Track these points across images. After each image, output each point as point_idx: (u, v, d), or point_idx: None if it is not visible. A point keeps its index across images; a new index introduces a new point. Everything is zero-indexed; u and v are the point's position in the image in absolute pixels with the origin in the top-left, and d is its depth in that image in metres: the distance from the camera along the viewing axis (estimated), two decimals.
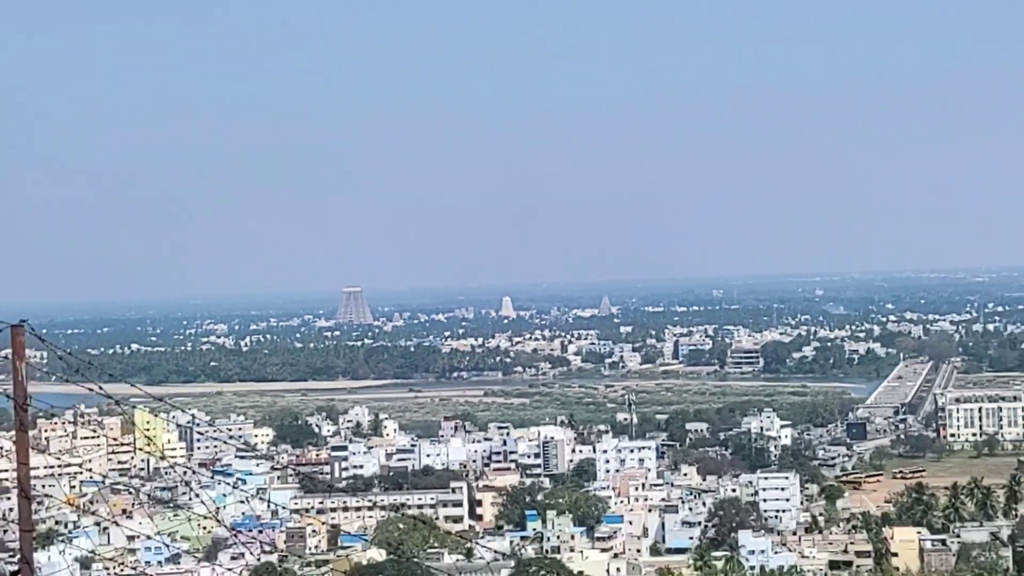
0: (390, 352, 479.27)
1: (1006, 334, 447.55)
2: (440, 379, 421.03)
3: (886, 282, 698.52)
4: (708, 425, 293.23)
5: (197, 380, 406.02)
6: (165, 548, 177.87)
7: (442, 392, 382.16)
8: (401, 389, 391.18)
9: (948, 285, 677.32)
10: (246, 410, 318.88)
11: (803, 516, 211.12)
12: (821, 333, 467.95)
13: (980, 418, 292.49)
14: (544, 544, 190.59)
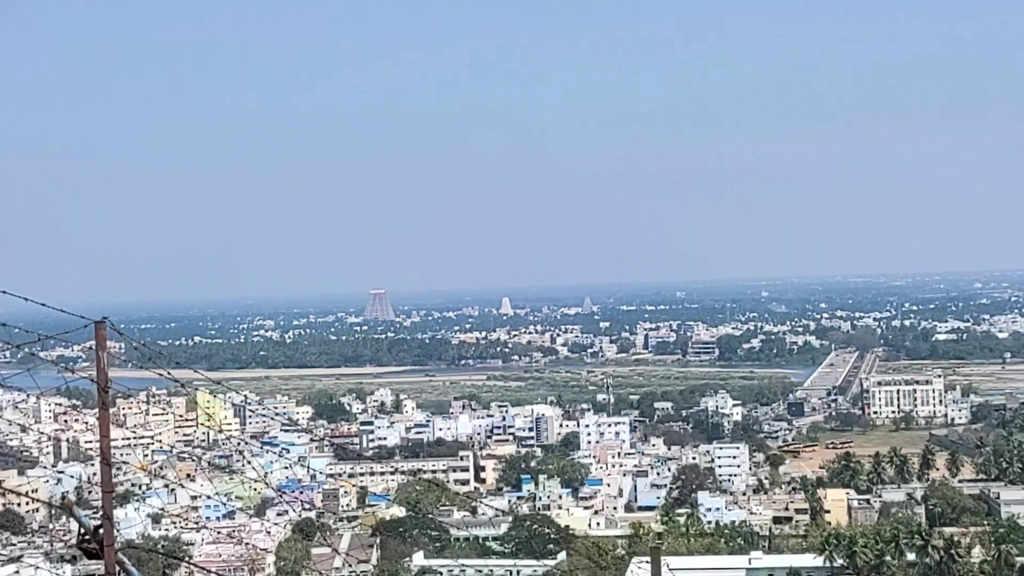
0: (409, 343, 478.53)
1: (920, 329, 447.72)
2: (450, 366, 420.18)
3: (820, 285, 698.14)
4: (672, 404, 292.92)
5: (249, 367, 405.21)
6: (222, 506, 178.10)
7: (452, 377, 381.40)
8: (418, 374, 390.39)
9: (871, 288, 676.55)
10: (289, 392, 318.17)
11: (751, 479, 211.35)
12: (766, 328, 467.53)
13: (898, 398, 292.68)
14: (536, 503, 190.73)
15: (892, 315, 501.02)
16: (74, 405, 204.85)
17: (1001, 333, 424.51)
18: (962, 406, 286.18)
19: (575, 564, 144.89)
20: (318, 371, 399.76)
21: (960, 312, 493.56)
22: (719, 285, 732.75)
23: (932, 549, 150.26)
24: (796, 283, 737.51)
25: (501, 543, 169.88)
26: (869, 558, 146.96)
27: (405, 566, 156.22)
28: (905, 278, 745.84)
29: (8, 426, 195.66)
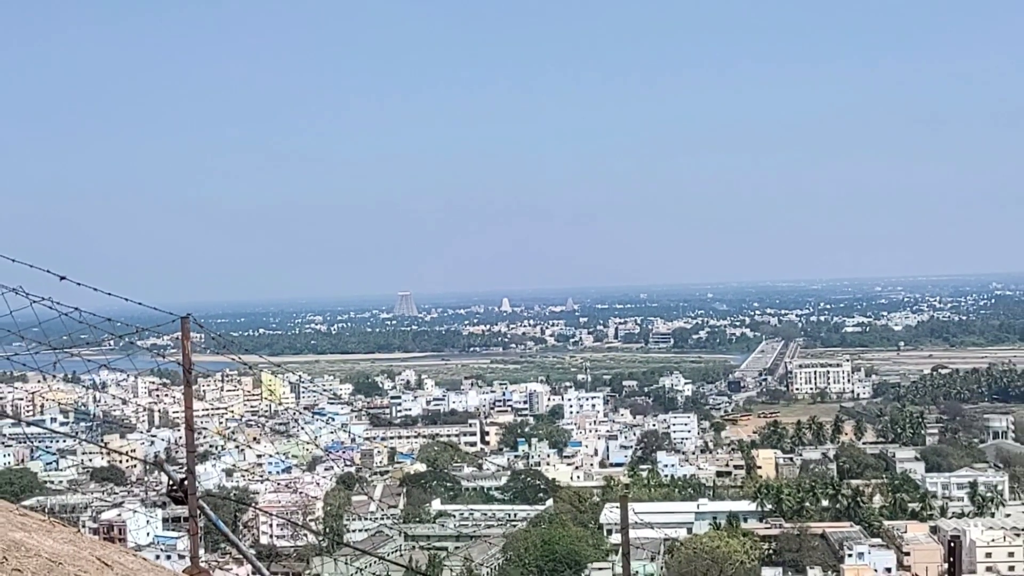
0: (428, 334, 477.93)
1: (832, 323, 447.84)
2: (461, 352, 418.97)
3: (754, 288, 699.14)
4: (637, 382, 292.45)
5: (302, 353, 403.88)
6: (281, 463, 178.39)
7: (462, 360, 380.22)
8: (435, 358, 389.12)
9: (794, 290, 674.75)
10: (334, 372, 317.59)
11: (699, 442, 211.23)
12: (711, 322, 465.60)
13: (815, 378, 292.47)
14: (529, 460, 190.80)
15: (810, 312, 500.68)
16: (164, 383, 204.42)
17: (896, 326, 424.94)
18: (865, 384, 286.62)
19: (560, 509, 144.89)
20: (357, 356, 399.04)
21: (864, 310, 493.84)
22: (674, 288, 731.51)
23: (842, 497, 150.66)
24: (735, 287, 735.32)
25: (501, 492, 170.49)
26: (792, 504, 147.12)
27: (426, 510, 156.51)
28: (821, 283, 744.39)
29: (112, 399, 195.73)
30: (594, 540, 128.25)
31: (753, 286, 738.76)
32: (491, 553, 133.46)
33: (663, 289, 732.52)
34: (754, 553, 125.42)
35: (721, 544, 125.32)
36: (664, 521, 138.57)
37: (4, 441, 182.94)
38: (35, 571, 5.77)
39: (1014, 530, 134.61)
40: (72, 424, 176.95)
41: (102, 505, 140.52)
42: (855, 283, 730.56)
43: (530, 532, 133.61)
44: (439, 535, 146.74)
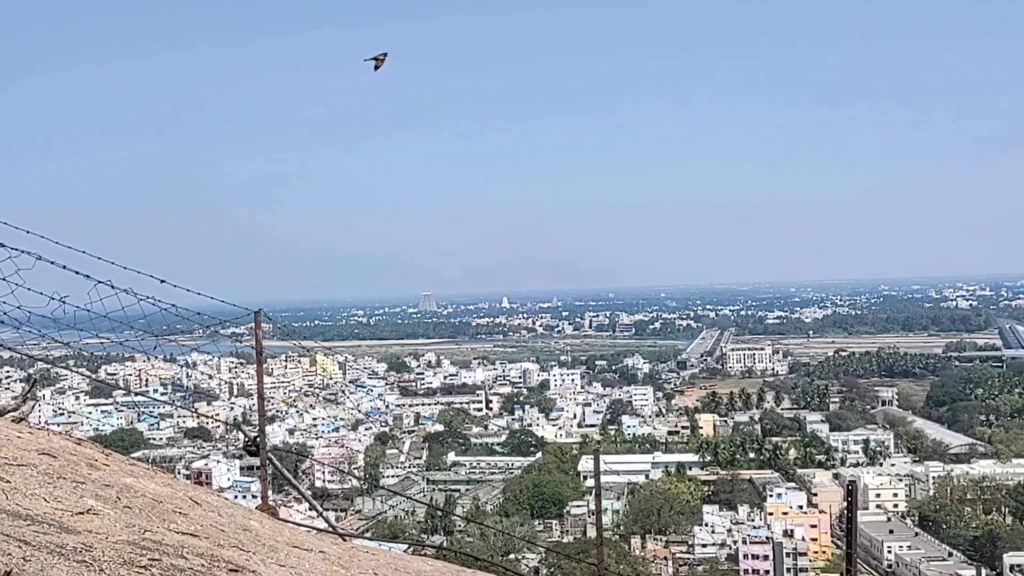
0: (445, 325, 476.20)
1: (757, 316, 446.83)
2: (471, 338, 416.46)
3: (696, 289, 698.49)
4: (606, 362, 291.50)
5: (348, 339, 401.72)
6: (331, 424, 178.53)
7: (472, 345, 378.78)
8: (451, 343, 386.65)
9: (728, 291, 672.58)
10: (373, 354, 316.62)
11: (654, 408, 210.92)
12: (664, 315, 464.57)
13: (744, 358, 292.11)
14: (523, 422, 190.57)
15: (740, 308, 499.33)
16: (241, 363, 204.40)
17: (806, 319, 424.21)
18: (782, 363, 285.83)
19: (546, 460, 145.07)
20: (390, 341, 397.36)
21: (781, 306, 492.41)
22: (635, 289, 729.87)
23: (764, 450, 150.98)
24: (683, 288, 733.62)
25: (501, 447, 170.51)
26: (726, 456, 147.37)
27: (443, 461, 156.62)
28: (748, 285, 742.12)
29: (200, 375, 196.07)
30: (573, 484, 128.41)
31: (696, 288, 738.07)
32: (493, 494, 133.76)
33: (627, 290, 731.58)
34: (697, 494, 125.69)
35: (671, 487, 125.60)
36: (627, 469, 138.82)
37: (117, 407, 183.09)
38: (142, 508, 5.77)
39: (897, 476, 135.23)
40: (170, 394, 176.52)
41: (193, 457, 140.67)
42: (775, 285, 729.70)
43: (524, 478, 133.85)
44: (453, 480, 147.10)
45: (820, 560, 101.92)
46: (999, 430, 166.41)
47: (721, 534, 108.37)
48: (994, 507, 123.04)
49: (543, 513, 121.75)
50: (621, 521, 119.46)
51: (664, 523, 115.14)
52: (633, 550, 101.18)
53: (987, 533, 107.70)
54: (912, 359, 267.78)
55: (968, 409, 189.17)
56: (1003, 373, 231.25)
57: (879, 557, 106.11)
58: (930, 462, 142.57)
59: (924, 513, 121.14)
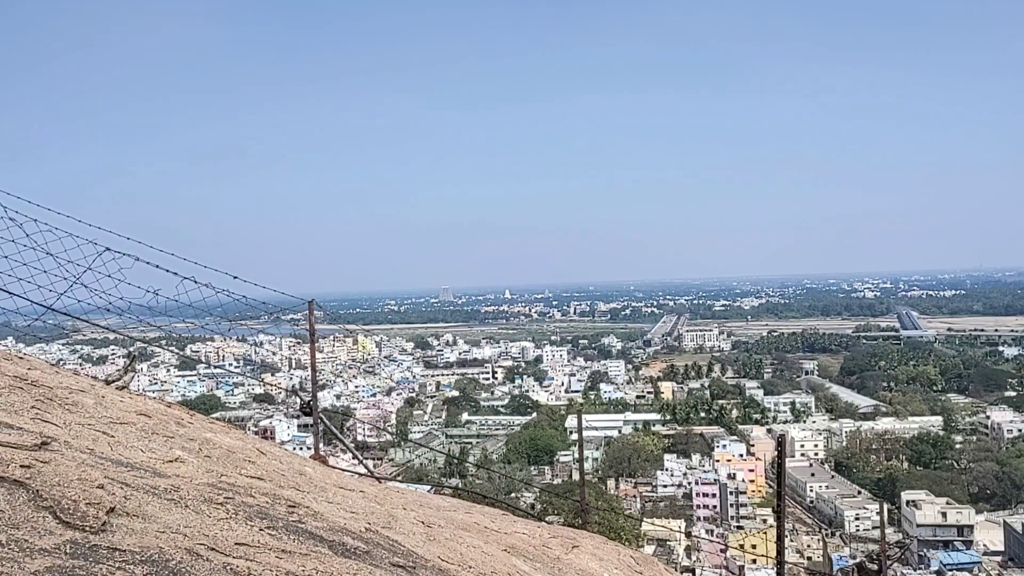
0: (460, 312, 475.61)
1: (707, 304, 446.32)
2: (481, 323, 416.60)
3: (659, 283, 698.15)
4: (587, 341, 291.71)
5: (383, 324, 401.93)
6: (370, 391, 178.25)
7: (482, 328, 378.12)
8: (464, 327, 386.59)
9: (685, 284, 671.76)
10: (403, 335, 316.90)
11: (626, 377, 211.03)
12: (633, 304, 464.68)
13: (697, 338, 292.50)
14: (522, 389, 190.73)
15: (694, 297, 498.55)
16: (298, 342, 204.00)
17: (745, 307, 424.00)
18: (727, 342, 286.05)
19: (540, 419, 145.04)
20: (417, 325, 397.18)
21: (726, 296, 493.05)
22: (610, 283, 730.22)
23: (712, 411, 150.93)
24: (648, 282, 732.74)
25: (505, 408, 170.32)
26: (682, 415, 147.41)
27: (459, 420, 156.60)
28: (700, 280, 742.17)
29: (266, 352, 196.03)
30: (561, 438, 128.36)
31: (659, 282, 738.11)
32: (498, 446, 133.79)
33: (603, 283, 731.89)
34: (659, 445, 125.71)
35: (639, 440, 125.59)
36: (604, 426, 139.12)
37: (200, 378, 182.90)
38: (218, 457, 5.78)
39: (817, 431, 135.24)
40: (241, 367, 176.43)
41: (260, 417, 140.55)
42: (721, 280, 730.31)
43: (522, 433, 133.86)
44: (467, 435, 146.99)
45: (757, 497, 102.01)
46: (898, 394, 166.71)
47: (678, 477, 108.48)
48: (894, 455, 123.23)
49: (537, 461, 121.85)
50: (599, 467, 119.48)
51: (633, 468, 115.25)
52: (609, 490, 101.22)
53: (888, 476, 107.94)
54: (829, 338, 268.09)
55: (873, 377, 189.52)
56: (900, 349, 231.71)
57: (803, 495, 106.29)
58: (843, 420, 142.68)
59: (839, 460, 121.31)
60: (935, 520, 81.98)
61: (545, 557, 7.37)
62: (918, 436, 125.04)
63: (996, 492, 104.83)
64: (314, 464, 7.90)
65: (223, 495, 4.36)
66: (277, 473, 5.96)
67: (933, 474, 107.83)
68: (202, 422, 7.23)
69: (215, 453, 5.68)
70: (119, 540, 2.99)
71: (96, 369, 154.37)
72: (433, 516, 7.12)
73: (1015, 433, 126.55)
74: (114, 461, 4.27)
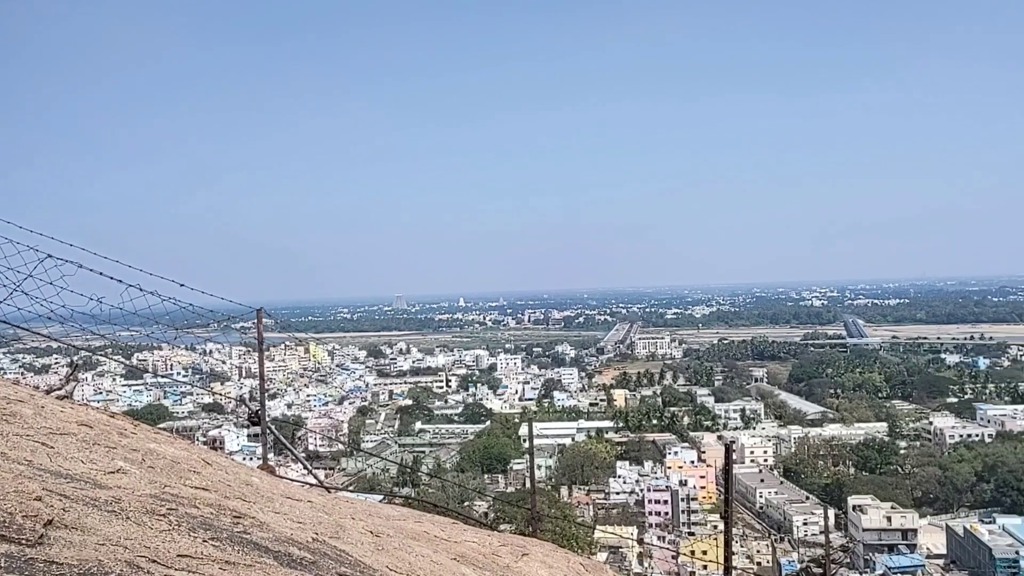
0: (414, 320, 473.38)
1: (659, 312, 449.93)
2: (434, 331, 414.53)
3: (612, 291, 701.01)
4: (541, 349, 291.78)
5: (335, 332, 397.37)
6: (321, 400, 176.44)
7: (435, 336, 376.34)
8: (418, 335, 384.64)
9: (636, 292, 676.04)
10: (355, 343, 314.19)
11: (579, 385, 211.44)
12: (587, 312, 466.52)
13: (649, 345, 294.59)
14: (475, 397, 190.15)
15: (646, 305, 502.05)
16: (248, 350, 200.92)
17: (697, 315, 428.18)
18: (678, 349, 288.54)
19: (494, 427, 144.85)
20: (370, 333, 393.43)
21: (678, 304, 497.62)
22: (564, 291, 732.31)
23: (664, 417, 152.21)
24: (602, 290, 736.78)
25: (458, 417, 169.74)
26: (635, 422, 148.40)
27: (412, 428, 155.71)
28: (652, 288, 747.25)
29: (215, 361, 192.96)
30: (515, 446, 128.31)
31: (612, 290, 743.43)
32: (451, 454, 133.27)
33: (557, 291, 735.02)
34: (612, 453, 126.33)
35: (592, 447, 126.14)
36: (558, 433, 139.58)
37: (147, 387, 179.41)
38: (162, 468, 5.69)
39: (767, 437, 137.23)
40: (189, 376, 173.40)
41: (209, 427, 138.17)
42: (672, 288, 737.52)
43: (476, 441, 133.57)
44: (420, 443, 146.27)
45: (707, 503, 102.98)
46: (844, 401, 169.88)
47: (630, 484, 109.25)
48: (841, 461, 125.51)
49: (491, 469, 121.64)
50: (553, 474, 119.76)
51: (586, 476, 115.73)
52: (562, 497, 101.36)
53: (835, 481, 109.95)
54: (778, 346, 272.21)
55: (821, 384, 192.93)
56: (847, 356, 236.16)
57: (753, 500, 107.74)
58: (792, 426, 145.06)
59: (787, 466, 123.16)
60: (880, 524, 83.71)
61: (495, 565, 7.40)
62: (864, 442, 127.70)
63: (939, 496, 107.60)
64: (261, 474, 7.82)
65: (166, 506, 4.31)
66: (223, 484, 5.89)
67: (878, 479, 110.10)
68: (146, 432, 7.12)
69: (159, 464, 5.60)
70: (56, 553, 2.94)
71: (38, 379, 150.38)
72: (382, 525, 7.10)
73: (956, 439, 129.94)
74: (53, 473, 4.24)
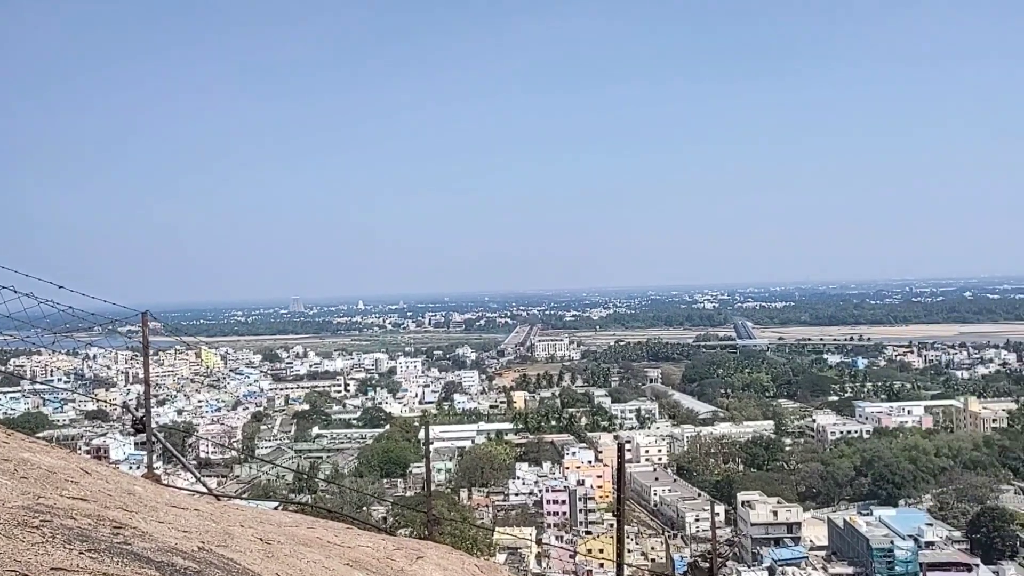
0: (311, 323, 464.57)
1: (558, 315, 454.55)
2: (333, 334, 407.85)
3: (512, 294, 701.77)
4: (442, 352, 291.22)
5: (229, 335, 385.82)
6: (214, 405, 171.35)
7: (334, 339, 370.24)
8: (316, 338, 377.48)
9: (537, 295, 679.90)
10: (251, 347, 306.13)
11: (480, 387, 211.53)
12: (487, 315, 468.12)
13: (548, 347, 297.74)
14: (375, 401, 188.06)
15: (546, 308, 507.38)
16: (136, 355, 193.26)
17: (594, 317, 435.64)
18: (577, 351, 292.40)
19: (393, 431, 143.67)
20: (265, 337, 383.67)
21: (576, 307, 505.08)
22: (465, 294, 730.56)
23: (562, 418, 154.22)
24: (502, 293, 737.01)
25: (357, 421, 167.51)
26: (534, 424, 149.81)
27: (309, 434, 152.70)
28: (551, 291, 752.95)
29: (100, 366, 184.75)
30: (415, 450, 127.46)
31: (512, 293, 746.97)
32: (350, 459, 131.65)
33: (458, 294, 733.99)
34: (511, 454, 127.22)
35: (492, 449, 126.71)
36: (458, 436, 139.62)
37: (24, 395, 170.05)
38: (36, 478, 5.46)
39: (661, 436, 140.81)
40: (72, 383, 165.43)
41: (93, 435, 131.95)
42: (571, 292, 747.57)
43: (374, 446, 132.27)
44: (317, 449, 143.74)
45: (604, 502, 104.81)
46: (734, 400, 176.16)
47: (530, 485, 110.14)
48: (731, 458, 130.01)
49: (390, 473, 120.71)
50: (452, 477, 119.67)
51: (486, 478, 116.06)
52: (462, 500, 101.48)
53: (725, 478, 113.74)
54: (672, 347, 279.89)
55: (712, 384, 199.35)
56: (737, 357, 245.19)
57: (648, 498, 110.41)
58: (685, 425, 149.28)
59: (680, 464, 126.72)
60: (767, 519, 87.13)
61: (388, 570, 7.38)
62: (752, 440, 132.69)
63: (821, 491, 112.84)
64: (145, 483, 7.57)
65: (39, 518, 4.24)
66: (103, 493, 5.69)
67: (766, 475, 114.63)
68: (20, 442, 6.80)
69: (33, 474, 5.37)
70: None
71: None
72: (273, 532, 6.99)
73: (837, 435, 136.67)
74: None
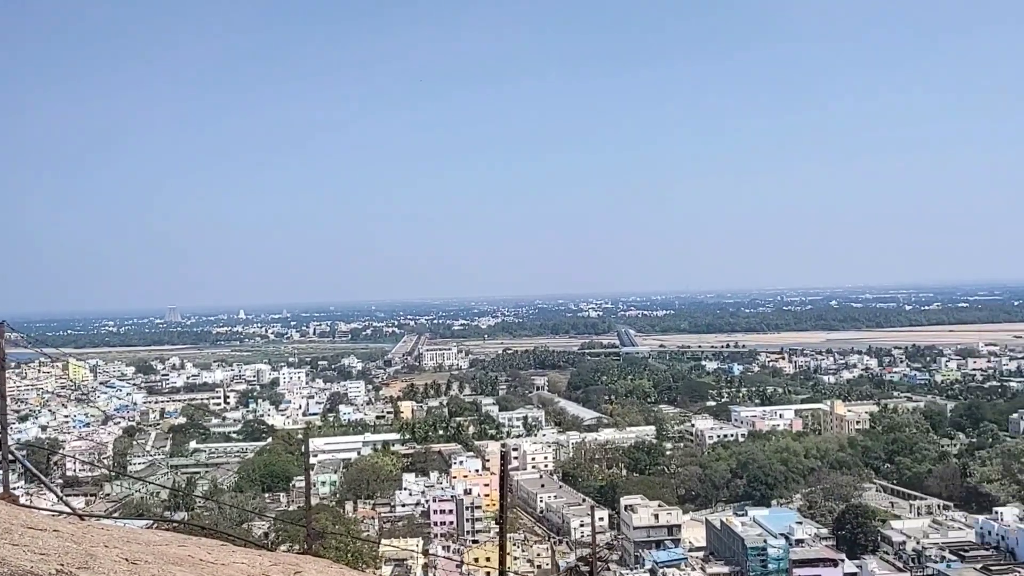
0: (189, 333, 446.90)
1: (446, 324, 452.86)
2: (212, 345, 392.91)
3: (400, 303, 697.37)
4: (327, 362, 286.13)
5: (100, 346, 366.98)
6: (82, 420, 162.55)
7: (213, 350, 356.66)
8: (194, 349, 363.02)
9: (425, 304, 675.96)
10: (123, 359, 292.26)
11: (366, 398, 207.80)
12: (374, 324, 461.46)
13: (436, 356, 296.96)
14: (256, 414, 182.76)
15: (434, 317, 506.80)
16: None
17: (483, 326, 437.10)
18: (465, 360, 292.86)
19: (276, 444, 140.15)
20: (139, 348, 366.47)
21: (465, 316, 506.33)
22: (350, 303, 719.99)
23: (450, 428, 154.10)
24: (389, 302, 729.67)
25: (237, 435, 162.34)
26: (422, 434, 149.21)
27: (185, 449, 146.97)
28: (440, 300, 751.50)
29: None
30: (298, 462, 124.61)
31: (400, 301, 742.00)
32: (230, 474, 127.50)
33: (344, 303, 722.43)
34: (398, 465, 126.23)
35: (378, 461, 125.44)
36: (343, 448, 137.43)
37: None
38: None
39: (547, 443, 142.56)
40: None
41: None
42: (459, 301, 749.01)
43: (256, 460, 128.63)
44: (194, 464, 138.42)
45: (491, 511, 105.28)
46: (618, 406, 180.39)
47: (417, 495, 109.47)
48: (614, 463, 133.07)
49: (273, 487, 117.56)
50: (338, 490, 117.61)
51: (372, 490, 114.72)
52: (347, 513, 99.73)
53: (609, 483, 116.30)
54: (558, 355, 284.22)
55: (597, 391, 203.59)
56: (620, 364, 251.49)
57: (534, 505, 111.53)
58: (570, 432, 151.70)
59: (566, 470, 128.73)
60: (649, 522, 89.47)
61: None
62: (635, 445, 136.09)
63: (700, 493, 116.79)
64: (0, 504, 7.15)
65: None
66: None
67: (648, 479, 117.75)
68: None
69: None
70: None
71: None
72: (140, 552, 6.71)
73: (715, 439, 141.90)
74: None
